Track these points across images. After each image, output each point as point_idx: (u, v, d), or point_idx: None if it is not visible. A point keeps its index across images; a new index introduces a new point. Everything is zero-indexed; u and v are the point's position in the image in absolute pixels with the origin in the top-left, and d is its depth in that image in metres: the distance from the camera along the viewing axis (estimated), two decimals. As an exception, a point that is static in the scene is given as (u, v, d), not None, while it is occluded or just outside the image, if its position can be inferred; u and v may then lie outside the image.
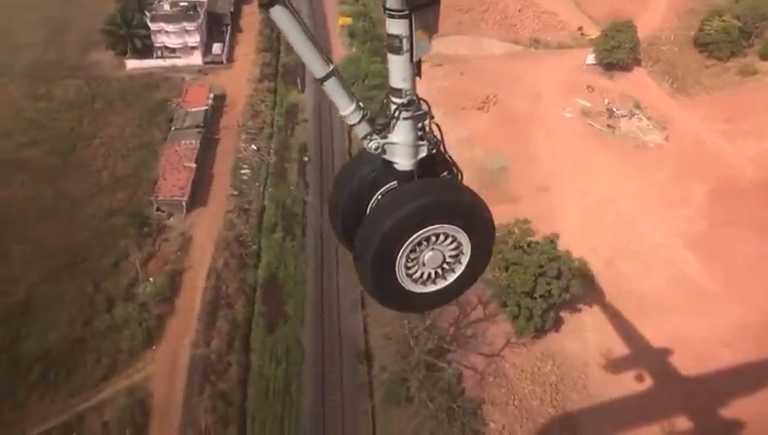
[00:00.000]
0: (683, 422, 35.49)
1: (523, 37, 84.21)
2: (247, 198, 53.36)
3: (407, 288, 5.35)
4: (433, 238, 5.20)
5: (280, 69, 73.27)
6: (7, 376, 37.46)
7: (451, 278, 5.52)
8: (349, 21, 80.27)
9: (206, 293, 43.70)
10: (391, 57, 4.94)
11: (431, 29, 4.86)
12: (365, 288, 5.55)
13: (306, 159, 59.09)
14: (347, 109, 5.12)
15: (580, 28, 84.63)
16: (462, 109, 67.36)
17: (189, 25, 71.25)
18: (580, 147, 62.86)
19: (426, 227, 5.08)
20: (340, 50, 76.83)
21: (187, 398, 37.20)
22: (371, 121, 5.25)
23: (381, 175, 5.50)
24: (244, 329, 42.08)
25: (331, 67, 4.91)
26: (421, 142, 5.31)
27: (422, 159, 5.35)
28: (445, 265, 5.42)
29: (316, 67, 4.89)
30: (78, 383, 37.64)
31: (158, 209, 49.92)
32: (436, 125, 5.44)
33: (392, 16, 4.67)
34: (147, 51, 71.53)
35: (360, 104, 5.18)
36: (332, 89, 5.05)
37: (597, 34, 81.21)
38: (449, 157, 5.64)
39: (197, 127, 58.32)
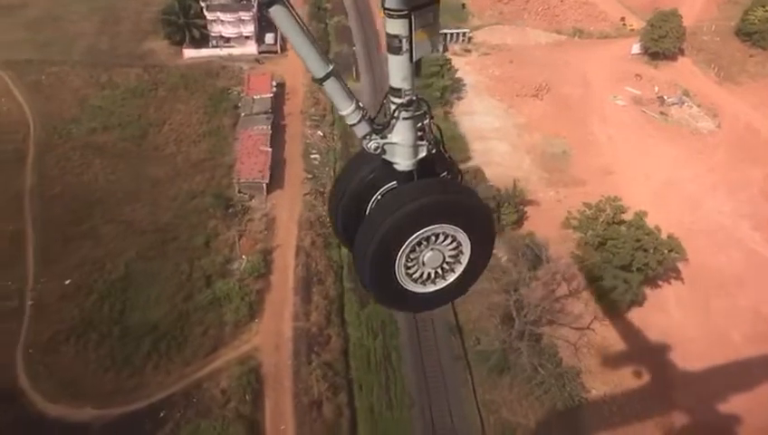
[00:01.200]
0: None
1: (566, 27, 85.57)
2: (320, 181, 54.60)
3: (406, 288, 5.34)
4: (433, 238, 5.19)
5: (331, 58, 74.37)
6: (121, 347, 38.77)
7: (451, 278, 5.50)
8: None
9: (297, 270, 44.97)
10: (391, 57, 4.86)
11: (431, 29, 4.77)
12: (365, 288, 5.52)
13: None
14: (346, 109, 5.08)
15: (623, 18, 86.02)
16: (516, 96, 68.73)
17: (245, 15, 72.42)
18: (636, 133, 64.25)
19: (425, 227, 5.07)
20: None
21: (295, 368, 38.50)
22: (371, 121, 5.20)
23: (381, 175, 5.47)
24: (338, 304, 43.40)
25: (331, 67, 4.90)
26: (421, 142, 5.25)
27: (422, 159, 5.30)
28: (445, 265, 5.41)
29: (316, 67, 4.86)
30: (189, 354, 38.92)
31: (239, 191, 51.15)
32: (436, 125, 5.36)
33: (391, 16, 4.61)
34: (203, 40, 72.68)
35: (360, 104, 5.13)
36: (332, 89, 5.01)
37: (639, 25, 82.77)
38: (449, 157, 5.54)
39: (266, 113, 59.52)
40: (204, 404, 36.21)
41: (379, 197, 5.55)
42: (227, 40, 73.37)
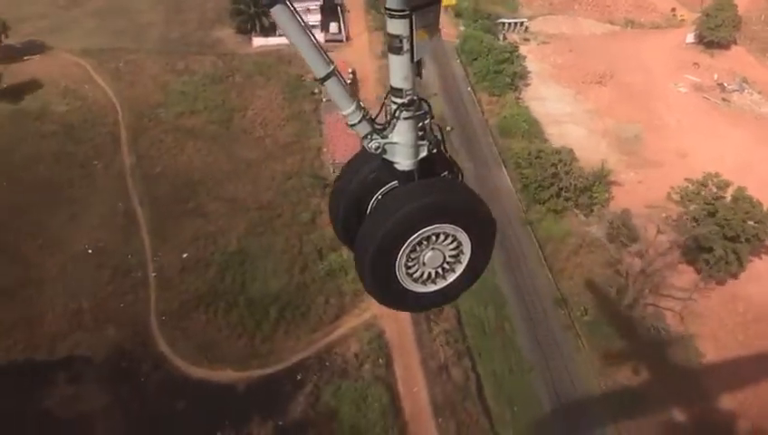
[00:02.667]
0: None
1: (617, 18, 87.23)
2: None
3: (407, 288, 5.35)
4: (433, 238, 5.20)
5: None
6: (249, 315, 40.51)
7: (451, 278, 5.51)
8: (453, 2, 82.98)
9: (401, 245, 46.61)
10: (392, 57, 4.87)
11: (431, 29, 4.79)
12: (366, 288, 5.49)
13: (449, 128, 61.91)
14: (347, 108, 5.08)
15: (673, 9, 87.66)
16: (582, 83, 70.30)
17: (312, 4, 74.01)
18: (702, 118, 65.82)
19: (426, 227, 5.08)
20: (450, 29, 79.79)
21: (417, 335, 40.21)
22: (372, 121, 5.20)
23: (382, 175, 5.45)
24: (444, 277, 45.02)
25: (332, 67, 4.91)
26: (422, 142, 5.27)
27: (423, 158, 5.32)
28: (445, 265, 5.42)
29: (317, 67, 4.88)
30: (315, 321, 40.67)
31: (334, 172, 52.82)
32: (437, 125, 5.38)
33: (392, 16, 4.64)
34: (270, 29, 74.29)
35: (361, 104, 5.12)
36: (333, 88, 5.01)
37: (689, 15, 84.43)
38: (450, 157, 5.56)
39: (347, 98, 61.12)
40: (338, 367, 37.98)
41: (380, 196, 5.49)
42: (294, 29, 74.99)
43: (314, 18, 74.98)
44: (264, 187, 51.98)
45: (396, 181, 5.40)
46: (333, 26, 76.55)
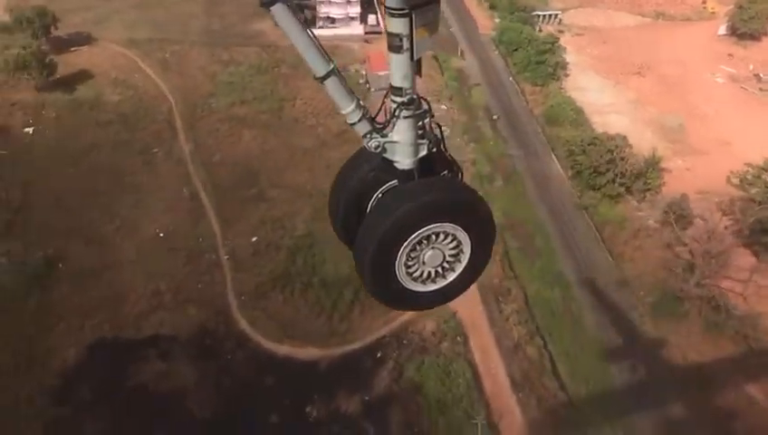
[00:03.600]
0: None
1: (647, 10, 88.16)
2: (456, 151, 57.24)
3: (407, 287, 5.33)
4: (433, 237, 5.17)
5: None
6: (326, 295, 41.56)
7: (451, 277, 5.48)
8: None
9: (463, 229, 47.71)
10: (392, 56, 4.87)
11: (431, 28, 4.77)
12: (366, 287, 5.51)
13: (495, 117, 62.98)
14: (347, 107, 5.09)
15: (704, 1, 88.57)
16: (620, 74, 71.30)
17: (352, -4, 75.03)
18: (740, 107, 66.84)
19: (426, 226, 5.05)
20: (486, 22, 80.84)
21: (489, 315, 41.31)
22: (371, 120, 5.21)
23: (381, 174, 5.45)
24: (507, 260, 46.12)
25: (332, 66, 4.91)
26: (421, 141, 5.25)
27: (422, 157, 5.30)
28: (445, 264, 5.40)
29: (317, 65, 4.87)
30: (388, 302, 41.70)
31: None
32: (437, 124, 5.37)
33: (392, 15, 4.64)
34: (312, 21, 75.27)
35: (360, 102, 5.13)
36: (333, 87, 5.00)
37: (719, 8, 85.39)
38: (449, 155, 5.56)
39: (395, 87, 62.18)
40: (416, 345, 39.06)
41: (380, 195, 5.49)
42: (333, 21, 76.07)
43: (354, 10, 76.10)
44: (323, 174, 52.73)
45: (396, 180, 5.39)
46: (372, 18, 77.47)
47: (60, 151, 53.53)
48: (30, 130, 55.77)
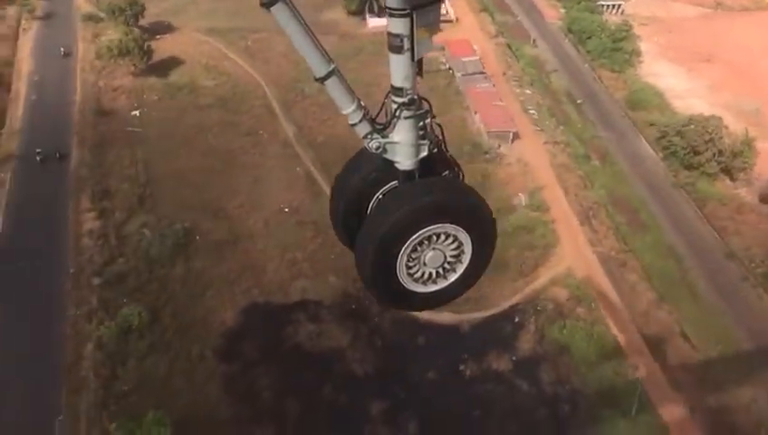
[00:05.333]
0: None
1: (707, 1, 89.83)
2: (549, 133, 58.90)
3: (408, 288, 5.33)
4: (434, 238, 5.17)
5: (497, 27, 78.87)
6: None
7: (452, 278, 5.51)
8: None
9: (571, 205, 49.38)
10: (392, 56, 4.90)
11: (432, 28, 4.77)
12: (366, 288, 5.50)
13: (579, 101, 64.64)
14: (348, 108, 5.13)
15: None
16: (691, 61, 72.93)
17: (423, -14, 76.58)
18: (813, 93, 68.43)
19: (426, 227, 5.05)
20: (549, 11, 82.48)
21: (614, 284, 42.89)
22: (372, 120, 5.22)
23: (382, 174, 5.45)
24: (616, 233, 47.73)
25: (333, 66, 4.98)
26: (422, 141, 5.23)
27: (423, 158, 5.28)
28: (446, 265, 5.41)
29: (317, 66, 4.97)
30: (515, 272, 43.39)
31: (489, 139, 55.53)
32: (438, 124, 5.33)
33: (393, 15, 4.66)
34: (381, 11, 76.78)
35: (361, 103, 5.15)
36: (333, 88, 5.09)
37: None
38: (450, 156, 5.54)
39: (481, 73, 63.94)
40: (552, 311, 40.69)
41: (381, 196, 5.51)
42: (404, 10, 77.71)
43: None
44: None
45: (396, 181, 5.40)
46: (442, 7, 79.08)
47: (168, 132, 55.33)
48: (137, 112, 57.58)
